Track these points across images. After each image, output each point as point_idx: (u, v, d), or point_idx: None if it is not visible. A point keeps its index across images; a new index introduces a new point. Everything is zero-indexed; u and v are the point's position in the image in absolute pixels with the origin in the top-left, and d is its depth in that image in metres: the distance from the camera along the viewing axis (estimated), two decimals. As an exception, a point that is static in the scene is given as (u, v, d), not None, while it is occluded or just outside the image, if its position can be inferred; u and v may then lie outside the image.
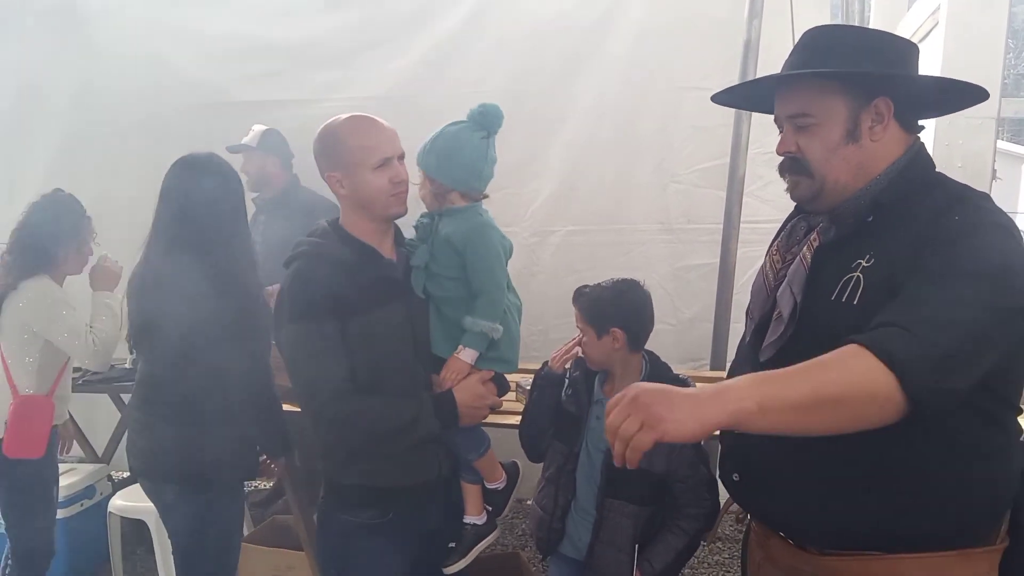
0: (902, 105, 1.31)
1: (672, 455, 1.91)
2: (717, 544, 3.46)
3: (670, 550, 1.92)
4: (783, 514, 1.41)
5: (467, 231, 1.72)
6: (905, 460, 1.25)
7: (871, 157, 1.32)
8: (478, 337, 1.72)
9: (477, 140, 1.71)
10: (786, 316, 1.35)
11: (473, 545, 1.86)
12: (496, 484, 1.87)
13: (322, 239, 1.72)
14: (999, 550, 1.31)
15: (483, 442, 1.83)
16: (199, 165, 2.06)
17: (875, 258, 1.25)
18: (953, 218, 1.22)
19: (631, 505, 1.92)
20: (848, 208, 1.33)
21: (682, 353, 3.33)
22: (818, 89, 1.31)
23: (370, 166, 1.66)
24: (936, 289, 1.15)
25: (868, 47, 1.33)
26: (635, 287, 1.97)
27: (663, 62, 3.31)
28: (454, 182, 1.73)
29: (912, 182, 1.31)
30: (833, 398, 1.10)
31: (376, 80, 3.53)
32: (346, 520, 1.77)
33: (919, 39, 7.61)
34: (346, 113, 1.74)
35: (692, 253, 3.40)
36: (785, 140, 1.37)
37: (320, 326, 1.62)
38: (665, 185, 3.39)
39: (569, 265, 3.39)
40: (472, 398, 1.72)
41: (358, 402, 1.65)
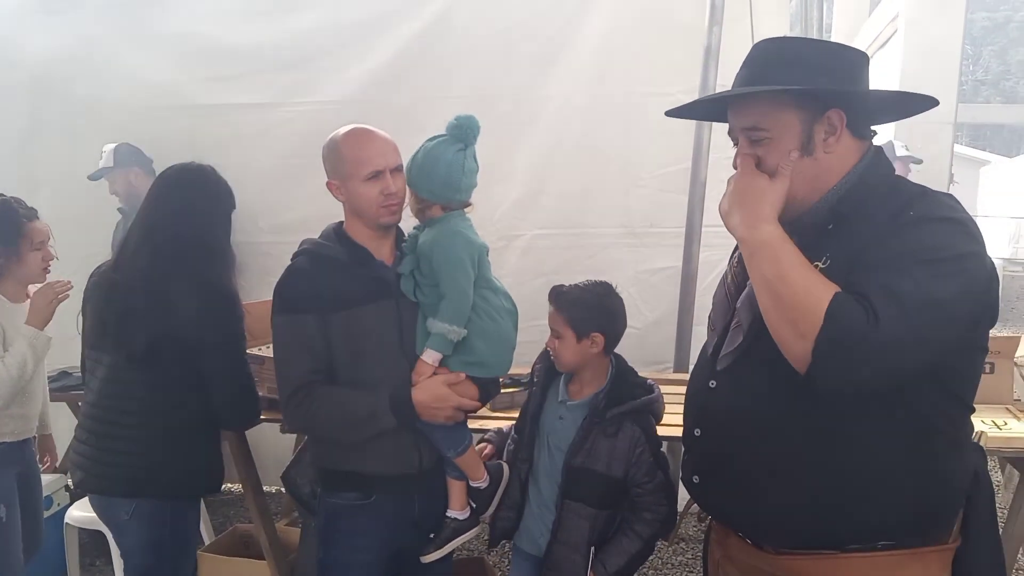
0: (854, 115, 1.33)
1: (632, 461, 1.93)
2: (680, 545, 3.50)
3: (623, 553, 1.94)
4: (741, 515, 1.44)
5: (434, 238, 1.78)
6: (859, 461, 1.28)
7: (826, 169, 1.33)
8: (438, 339, 1.77)
9: (452, 153, 1.76)
10: (745, 326, 1.37)
11: (451, 538, 1.91)
12: (478, 483, 1.93)
13: (323, 240, 1.85)
14: (951, 549, 1.34)
15: (463, 440, 1.88)
16: (192, 173, 2.09)
17: (831, 259, 1.27)
18: (908, 212, 1.24)
19: (588, 507, 1.95)
20: (808, 219, 1.34)
21: (645, 356, 3.35)
22: (771, 104, 1.32)
23: (362, 177, 1.76)
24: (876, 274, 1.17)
25: (819, 60, 1.34)
26: (613, 291, 2.00)
27: (627, 68, 3.33)
28: (432, 195, 1.80)
29: (870, 188, 1.33)
30: (786, 293, 1.21)
31: (339, 84, 3.51)
32: (332, 502, 1.88)
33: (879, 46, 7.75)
34: (351, 124, 1.82)
35: (655, 257, 3.43)
36: (741, 152, 1.38)
37: (299, 318, 1.75)
38: (628, 189, 3.42)
39: (534, 268, 3.40)
40: (431, 398, 1.77)
41: (321, 392, 1.75)
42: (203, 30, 3.57)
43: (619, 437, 1.92)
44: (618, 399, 1.94)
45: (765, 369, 1.33)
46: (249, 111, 3.56)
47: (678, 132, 3.17)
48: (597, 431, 1.92)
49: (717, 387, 1.43)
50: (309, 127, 3.31)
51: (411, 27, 3.45)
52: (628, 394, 1.96)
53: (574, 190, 3.45)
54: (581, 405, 1.97)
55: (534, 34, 3.38)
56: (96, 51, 3.61)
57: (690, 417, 1.51)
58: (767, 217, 1.28)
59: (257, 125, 3.55)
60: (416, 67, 3.46)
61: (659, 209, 3.39)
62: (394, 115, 3.19)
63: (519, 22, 3.38)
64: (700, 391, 1.48)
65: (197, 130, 3.51)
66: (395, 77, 3.47)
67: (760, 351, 1.34)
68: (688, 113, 1.52)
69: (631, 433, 1.93)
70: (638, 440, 1.93)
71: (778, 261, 1.24)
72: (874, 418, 1.27)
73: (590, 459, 1.92)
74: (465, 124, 1.76)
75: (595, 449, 1.92)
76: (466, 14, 3.41)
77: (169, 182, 2.08)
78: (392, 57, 3.47)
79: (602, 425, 1.92)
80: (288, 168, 3.44)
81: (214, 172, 2.12)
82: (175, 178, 2.08)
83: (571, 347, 1.94)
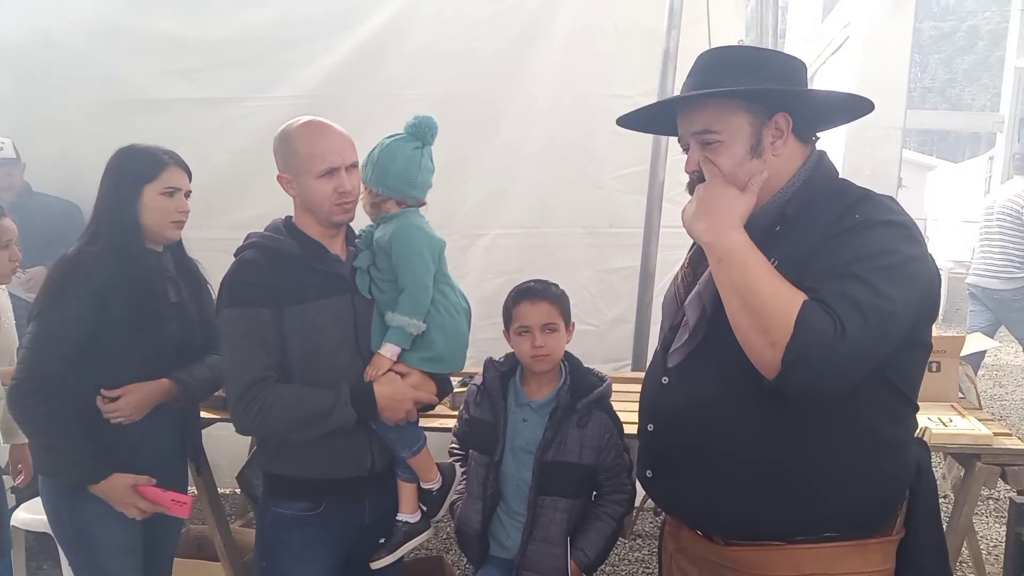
0: (799, 119, 1.38)
1: (603, 447, 1.98)
2: (637, 541, 3.55)
3: (602, 537, 1.99)
4: (691, 508, 1.47)
5: (394, 232, 1.77)
6: (805, 455, 1.32)
7: (774, 171, 1.37)
8: (398, 332, 1.75)
9: (410, 150, 1.77)
10: (692, 323, 1.40)
11: (402, 543, 1.87)
12: (431, 484, 1.89)
13: (272, 232, 1.78)
14: (894, 541, 1.39)
15: (417, 440, 1.84)
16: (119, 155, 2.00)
17: (780, 260, 1.30)
18: (853, 216, 1.29)
19: (564, 499, 1.97)
20: (756, 221, 1.37)
21: (605, 353, 3.40)
22: (722, 107, 1.36)
23: (316, 174, 1.71)
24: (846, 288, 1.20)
25: (764, 65, 1.40)
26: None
27: (588, 69, 3.36)
28: (388, 191, 1.79)
29: (815, 190, 1.38)
30: (755, 302, 1.22)
31: (299, 80, 3.47)
32: (278, 512, 1.80)
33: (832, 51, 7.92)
34: (307, 116, 1.78)
35: (614, 256, 3.47)
36: (692, 158, 1.41)
37: (253, 312, 1.67)
38: (589, 190, 3.45)
39: (496, 267, 3.42)
40: (392, 392, 1.74)
41: (275, 390, 1.68)
42: (160, 24, 3.49)
43: (589, 426, 1.97)
44: (583, 389, 1.99)
45: (714, 365, 1.37)
46: (207, 106, 3.50)
47: (638, 134, 3.20)
48: (567, 424, 1.96)
49: (669, 383, 1.46)
50: (268, 122, 3.20)
51: (375, 23, 3.43)
52: (588, 383, 2.01)
53: (536, 190, 3.47)
54: (546, 403, 2.00)
55: (498, 34, 3.39)
56: (46, 43, 3.52)
57: (643, 413, 1.54)
58: (735, 225, 1.30)
59: (215, 120, 3.49)
60: (379, 64, 3.44)
61: (619, 209, 3.43)
62: (356, 112, 3.18)
63: (483, 20, 3.39)
64: (653, 387, 1.51)
65: (152, 126, 3.42)
66: (357, 73, 3.44)
67: (708, 348, 1.38)
68: (639, 125, 1.55)
69: (600, 420, 1.99)
70: (607, 426, 2.00)
71: (746, 269, 1.25)
72: (820, 414, 1.30)
73: (561, 452, 1.95)
74: (424, 123, 1.78)
75: (566, 441, 1.96)
76: (430, 12, 3.41)
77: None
78: (355, 53, 3.44)
79: (574, 416, 1.96)
80: (246, 164, 3.39)
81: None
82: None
83: (562, 339, 1.99)
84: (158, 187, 1.92)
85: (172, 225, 1.96)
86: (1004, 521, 4.02)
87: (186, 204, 1.98)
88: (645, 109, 1.49)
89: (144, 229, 1.93)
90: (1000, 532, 3.92)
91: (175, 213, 1.95)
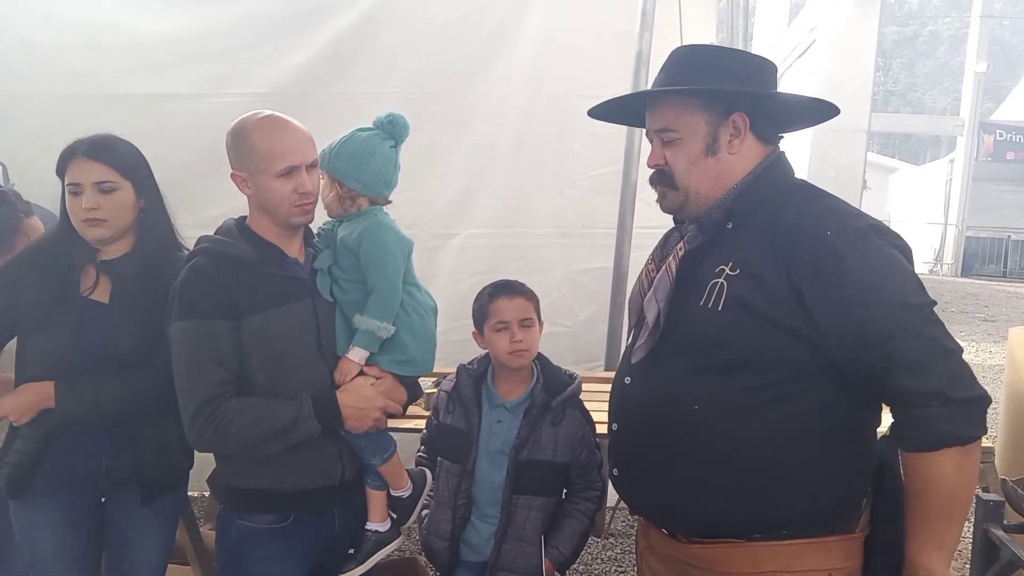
0: (758, 120, 1.41)
1: (576, 444, 1.98)
2: (610, 540, 3.56)
3: (575, 534, 1.99)
4: (655, 506, 1.50)
5: (361, 231, 1.72)
6: (763, 453, 1.34)
7: (728, 168, 1.42)
8: (367, 336, 1.70)
9: (387, 148, 1.73)
10: (650, 322, 1.42)
11: (373, 552, 1.81)
12: (401, 491, 1.84)
13: (225, 236, 1.68)
14: (857, 538, 1.40)
15: (388, 447, 1.79)
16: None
17: (739, 267, 1.34)
18: (825, 233, 1.31)
19: (538, 498, 1.97)
20: (709, 217, 1.42)
21: (577, 354, 3.41)
22: (681, 106, 1.41)
23: (274, 173, 1.62)
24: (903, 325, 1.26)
25: (727, 66, 1.43)
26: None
27: (561, 70, 3.37)
28: (365, 188, 1.73)
29: (765, 189, 1.41)
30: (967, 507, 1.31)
31: (268, 76, 3.41)
32: (244, 525, 1.72)
33: (799, 54, 8.06)
34: (264, 110, 1.68)
35: (587, 257, 3.48)
36: (654, 153, 1.47)
37: (206, 324, 1.58)
38: (562, 190, 3.46)
39: (468, 267, 3.40)
40: (358, 400, 1.67)
41: (232, 406, 1.59)
42: (125, 17, 3.41)
43: (564, 424, 1.97)
44: (556, 388, 1.99)
45: (672, 363, 1.40)
46: (172, 102, 3.42)
47: (611, 134, 3.22)
48: (542, 422, 1.96)
49: (631, 382, 1.48)
50: (234, 119, 3.22)
51: (345, 19, 3.38)
52: (561, 381, 2.01)
53: (509, 190, 3.46)
54: (520, 402, 1.99)
55: (471, 32, 3.38)
56: (8, 36, 3.42)
57: (610, 412, 1.57)
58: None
59: (181, 117, 3.41)
60: (349, 61, 3.40)
61: (591, 210, 3.44)
62: (324, 110, 3.14)
63: (456, 19, 3.37)
64: (617, 387, 1.53)
65: (117, 121, 3.28)
66: (327, 70, 3.40)
67: (667, 345, 1.41)
68: (609, 115, 1.59)
69: (573, 418, 1.99)
70: (580, 423, 2.00)
71: (954, 534, 1.31)
72: (779, 412, 1.33)
73: (536, 450, 1.95)
74: (398, 121, 1.74)
75: (541, 440, 1.95)
76: (403, 9, 3.38)
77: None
78: (325, 50, 3.40)
79: (548, 415, 1.96)
80: (213, 161, 3.28)
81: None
82: None
83: (538, 335, 1.99)
84: (65, 182, 1.81)
85: (83, 224, 1.79)
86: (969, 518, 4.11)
87: (93, 200, 1.77)
88: (613, 101, 1.53)
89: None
90: (966, 529, 4.00)
91: (81, 211, 1.78)
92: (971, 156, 20.06)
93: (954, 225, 20.29)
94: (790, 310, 1.30)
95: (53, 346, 1.80)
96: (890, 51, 42.36)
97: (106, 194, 1.79)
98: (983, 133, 20.90)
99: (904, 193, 24.92)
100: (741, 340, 1.33)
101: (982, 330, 10.65)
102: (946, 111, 33.87)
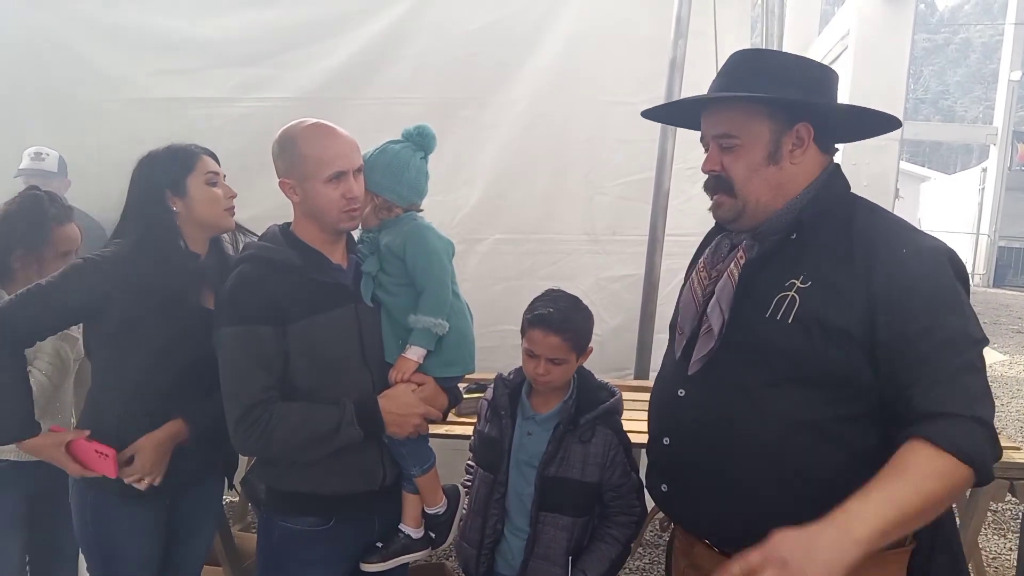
0: (821, 130, 1.38)
1: (606, 464, 1.91)
2: (638, 550, 3.51)
3: (604, 560, 1.92)
4: (709, 522, 1.45)
5: (404, 235, 1.74)
6: (829, 469, 1.30)
7: (790, 179, 1.38)
8: (423, 334, 1.71)
9: (418, 160, 1.77)
10: (716, 331, 1.38)
11: (398, 554, 1.82)
12: (436, 509, 1.84)
13: (271, 242, 1.71)
14: (907, 551, 1.37)
15: (428, 458, 1.81)
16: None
17: (811, 280, 1.31)
18: (900, 250, 1.28)
19: (565, 517, 1.91)
20: (771, 227, 1.38)
21: (606, 363, 3.36)
22: (744, 112, 1.36)
23: (323, 178, 1.65)
24: (952, 355, 1.23)
25: (791, 73, 1.39)
26: (580, 300, 1.96)
27: (592, 75, 3.34)
28: (399, 199, 1.76)
29: (830, 200, 1.38)
30: (936, 506, 1.19)
31: (299, 81, 3.44)
32: (286, 527, 1.74)
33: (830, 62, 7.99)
34: (310, 119, 1.71)
35: (617, 264, 3.44)
36: (711, 159, 1.42)
37: (253, 331, 1.60)
38: (591, 196, 3.43)
39: (496, 273, 3.39)
40: (399, 406, 1.69)
41: (277, 410, 1.61)
42: (158, 22, 3.46)
43: (593, 442, 1.90)
44: (588, 405, 1.93)
45: (736, 375, 1.36)
46: (203, 106, 3.45)
47: (641, 141, 3.20)
48: (570, 438, 1.91)
49: (686, 395, 1.43)
50: (267, 123, 3.14)
51: (376, 26, 3.39)
52: (595, 399, 1.95)
53: (537, 196, 3.44)
54: (550, 416, 1.94)
55: (500, 38, 3.37)
56: (45, 42, 3.47)
57: (658, 425, 1.51)
58: (836, 533, 1.13)
59: (211, 121, 3.45)
60: (379, 67, 3.41)
61: (621, 217, 3.41)
62: (355, 114, 3.15)
63: (485, 26, 3.36)
64: (669, 400, 1.48)
65: (148, 125, 3.38)
66: (358, 75, 3.41)
67: (726, 358, 1.37)
68: (663, 116, 1.58)
69: (604, 437, 1.92)
70: (612, 443, 1.92)
71: (905, 510, 1.15)
72: (845, 429, 1.29)
73: (564, 467, 1.89)
74: (427, 134, 1.78)
75: (569, 457, 1.90)
76: (432, 15, 3.38)
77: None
78: (355, 56, 3.41)
79: (576, 432, 1.90)
80: (243, 165, 3.34)
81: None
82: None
83: (571, 368, 1.90)
84: (200, 176, 1.87)
85: (225, 213, 1.90)
86: (1003, 533, 4.02)
87: (231, 189, 1.93)
88: (670, 104, 1.51)
89: (198, 223, 1.88)
90: (999, 544, 3.91)
91: (224, 199, 1.90)
92: (1004, 165, 19.71)
93: (986, 235, 19.96)
94: (864, 324, 1.27)
95: (179, 359, 1.82)
96: (921, 58, 41.89)
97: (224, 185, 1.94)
98: (1016, 142, 20.53)
99: (935, 202, 24.56)
100: (813, 354, 1.29)
101: (1015, 342, 10.44)
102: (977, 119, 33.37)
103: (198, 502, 2.03)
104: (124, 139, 3.39)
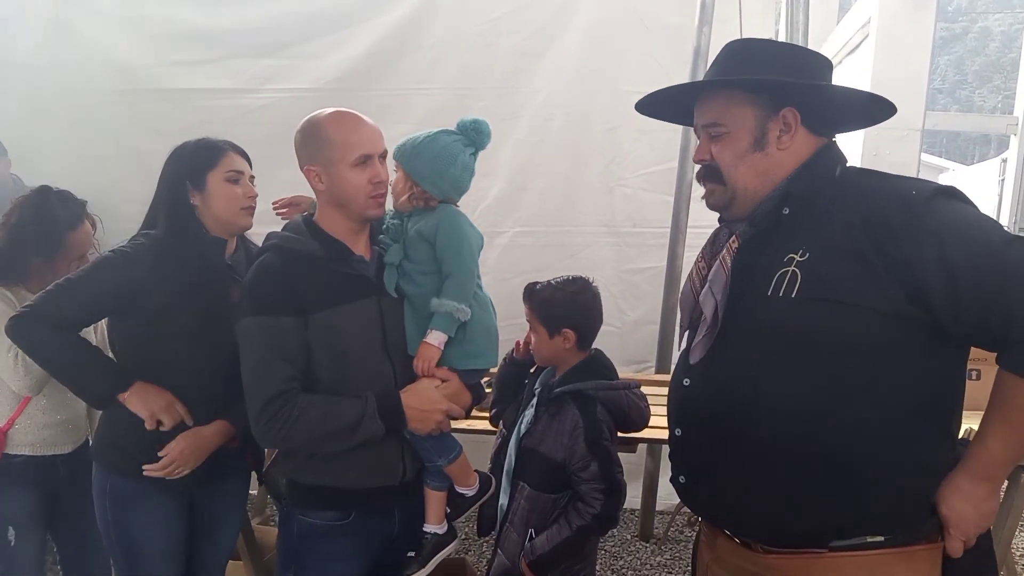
0: (808, 113, 1.36)
1: (567, 445, 1.90)
2: (662, 547, 3.48)
3: (552, 539, 1.91)
4: (728, 513, 1.43)
5: (437, 219, 1.71)
6: (849, 442, 1.27)
7: (777, 164, 1.38)
8: (445, 319, 1.67)
9: (467, 157, 1.71)
10: (708, 317, 1.38)
11: (433, 555, 1.81)
12: (467, 490, 1.83)
13: (294, 232, 1.68)
14: (940, 547, 1.33)
15: (453, 448, 1.78)
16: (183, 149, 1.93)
17: (809, 252, 1.28)
18: (910, 193, 1.24)
19: (529, 488, 1.94)
20: (762, 209, 1.37)
21: (627, 356, 3.33)
22: (728, 100, 1.38)
23: (350, 162, 1.63)
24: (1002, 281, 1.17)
25: (778, 60, 1.39)
26: (586, 286, 1.98)
27: (612, 65, 3.31)
28: (438, 192, 1.71)
29: (822, 172, 1.36)
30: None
31: (316, 72, 3.43)
32: (306, 521, 1.73)
33: (849, 51, 7.86)
34: (329, 108, 1.68)
35: (638, 256, 3.42)
36: (701, 148, 1.44)
37: (275, 321, 1.59)
38: (612, 188, 3.40)
39: (516, 266, 3.35)
40: (422, 402, 1.66)
41: (299, 401, 1.60)
42: (176, 13, 3.46)
43: (558, 419, 1.92)
44: (567, 381, 1.94)
45: (738, 360, 1.34)
46: (221, 96, 3.46)
47: (663, 131, 3.15)
48: (543, 411, 1.94)
49: (691, 384, 1.43)
50: (283, 114, 3.19)
51: (394, 16, 3.38)
52: (581, 378, 1.94)
53: (557, 188, 3.42)
54: (541, 390, 1.98)
55: (519, 28, 3.33)
56: (63, 32, 3.47)
57: (671, 417, 1.51)
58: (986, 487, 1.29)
59: (230, 111, 3.45)
60: (397, 57, 3.39)
61: (642, 209, 3.38)
62: (372, 104, 3.08)
63: (504, 15, 3.33)
64: (676, 390, 1.48)
65: (166, 115, 3.39)
66: (375, 66, 3.39)
67: (730, 342, 1.35)
68: (659, 113, 1.55)
69: (571, 417, 1.91)
70: (576, 425, 1.90)
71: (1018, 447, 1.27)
72: (865, 398, 1.26)
73: (534, 439, 1.93)
74: (484, 131, 1.71)
75: (540, 430, 1.93)
76: (450, 4, 3.35)
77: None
78: (373, 46, 3.39)
79: (547, 404, 1.93)
80: (261, 156, 3.32)
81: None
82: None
83: (544, 343, 1.95)
84: (220, 173, 1.84)
85: (243, 212, 1.87)
86: (1032, 531, 3.95)
87: (253, 188, 1.90)
88: (658, 94, 1.48)
89: (214, 219, 1.86)
90: None
91: (243, 198, 1.86)
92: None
93: (1007, 226, 19.76)
94: (875, 284, 1.22)
95: (214, 351, 1.81)
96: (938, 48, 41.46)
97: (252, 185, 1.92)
98: (1037, 132, 20.27)
99: (954, 193, 24.26)
100: (822, 325, 1.26)
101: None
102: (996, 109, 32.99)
103: (222, 500, 2.03)
104: (141, 130, 3.40)
